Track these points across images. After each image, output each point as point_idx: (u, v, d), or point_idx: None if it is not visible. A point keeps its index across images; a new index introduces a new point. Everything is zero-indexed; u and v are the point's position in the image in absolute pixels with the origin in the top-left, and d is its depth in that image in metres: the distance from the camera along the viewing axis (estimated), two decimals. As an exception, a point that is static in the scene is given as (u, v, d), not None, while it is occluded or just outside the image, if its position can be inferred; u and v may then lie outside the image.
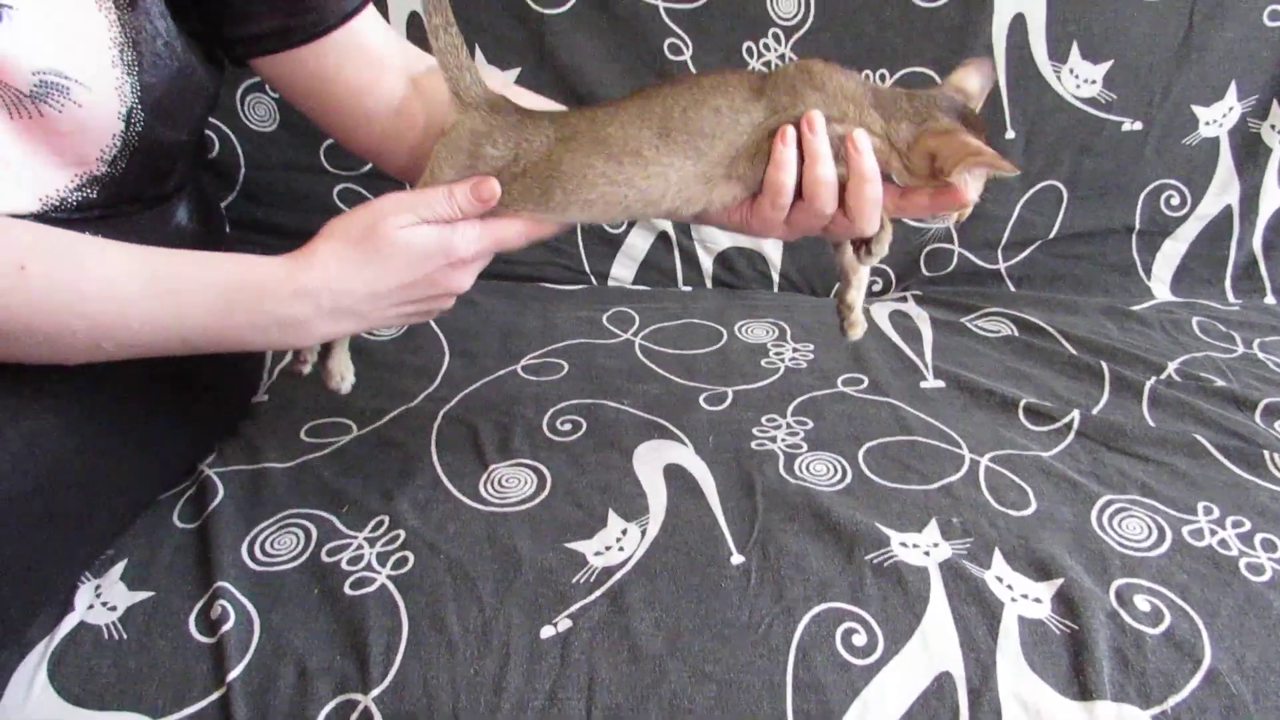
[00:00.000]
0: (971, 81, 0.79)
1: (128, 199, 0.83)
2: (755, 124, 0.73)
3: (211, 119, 1.23)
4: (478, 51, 1.29)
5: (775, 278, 1.44)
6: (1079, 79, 1.31)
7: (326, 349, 0.85)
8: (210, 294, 0.71)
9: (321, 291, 0.72)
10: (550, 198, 0.74)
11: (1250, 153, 1.37)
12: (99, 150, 0.78)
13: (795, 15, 1.29)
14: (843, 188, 0.74)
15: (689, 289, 1.43)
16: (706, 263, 1.44)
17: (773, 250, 1.43)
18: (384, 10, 1.26)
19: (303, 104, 0.90)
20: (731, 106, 0.74)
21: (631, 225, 1.40)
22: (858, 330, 0.88)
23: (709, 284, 1.44)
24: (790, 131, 0.72)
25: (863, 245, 0.79)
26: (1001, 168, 0.71)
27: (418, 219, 0.73)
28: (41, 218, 0.76)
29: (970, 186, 0.74)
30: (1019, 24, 1.28)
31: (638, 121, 0.74)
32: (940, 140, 0.72)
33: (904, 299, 1.39)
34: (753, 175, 0.74)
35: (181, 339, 0.72)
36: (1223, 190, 1.39)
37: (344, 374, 0.87)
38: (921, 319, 1.30)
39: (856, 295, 0.86)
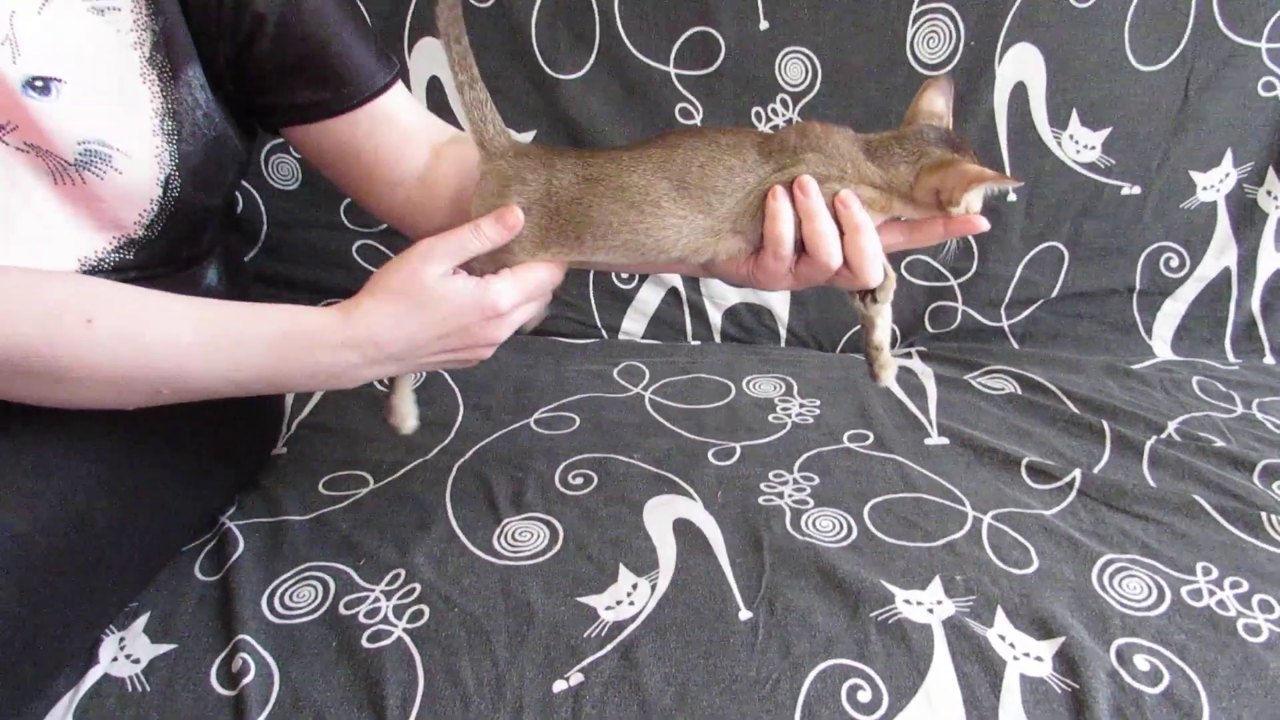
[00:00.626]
0: (938, 103, 0.82)
1: (161, 261, 0.86)
2: (759, 181, 0.77)
3: (236, 177, 1.27)
4: (495, 114, 1.33)
5: (783, 333, 1.47)
6: (1079, 145, 1.35)
7: (392, 389, 0.90)
8: (263, 345, 0.76)
9: (366, 343, 0.77)
10: (581, 241, 0.79)
11: (1247, 217, 1.40)
12: (137, 214, 0.81)
13: (802, 81, 1.33)
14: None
15: (698, 343, 1.46)
16: (715, 317, 1.46)
17: (780, 306, 1.46)
18: (405, 74, 1.31)
19: (330, 171, 0.93)
20: (742, 166, 0.78)
21: (643, 280, 1.43)
22: (888, 373, 0.88)
23: (718, 339, 1.47)
24: (780, 189, 0.76)
25: (868, 294, 0.83)
26: (1003, 182, 0.75)
27: (452, 265, 0.77)
28: None
29: (974, 206, 0.78)
30: (1020, 92, 1.32)
31: (659, 172, 0.78)
32: (940, 174, 0.75)
33: (909, 355, 1.41)
34: (753, 230, 0.78)
35: (236, 384, 0.76)
36: (1221, 253, 1.42)
37: (407, 415, 0.91)
38: (926, 375, 1.32)
39: (882, 336, 0.87)
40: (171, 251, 0.87)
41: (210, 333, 0.75)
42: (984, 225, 0.78)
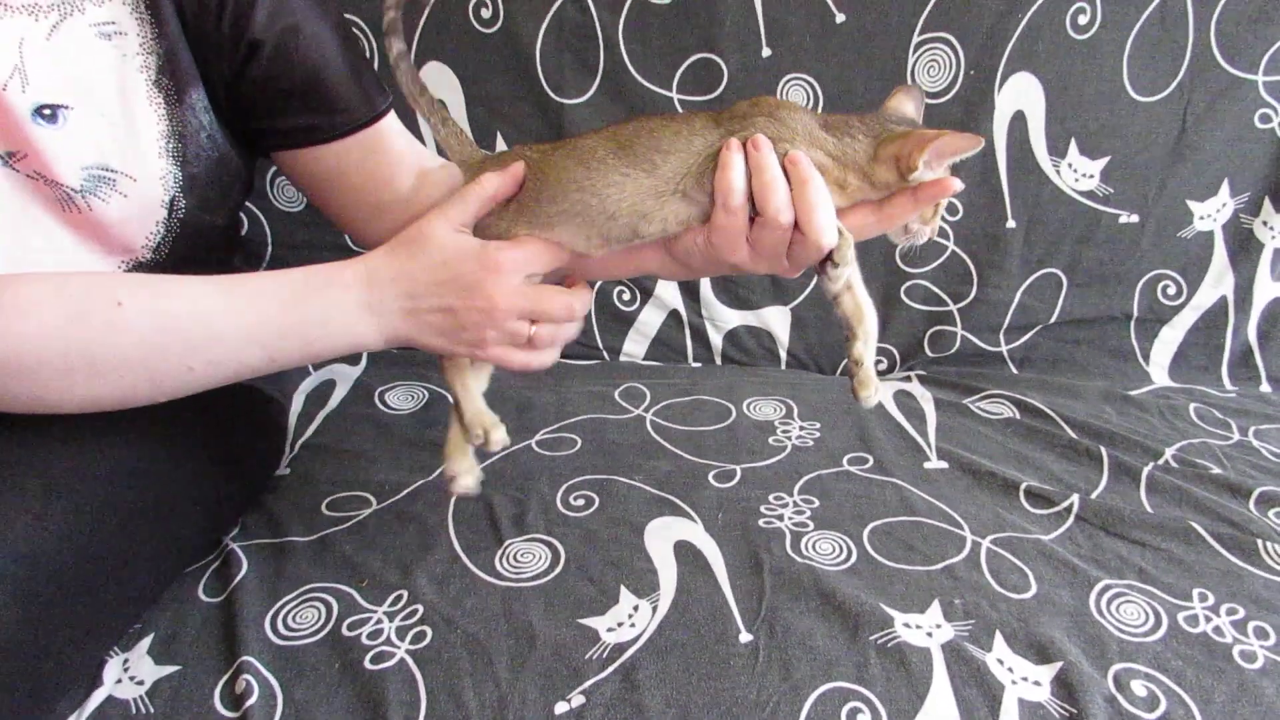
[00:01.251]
0: (908, 107, 0.82)
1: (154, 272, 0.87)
2: (707, 145, 0.77)
3: (243, 199, 1.29)
4: (499, 138, 1.34)
5: (783, 355, 1.48)
6: (1077, 173, 1.36)
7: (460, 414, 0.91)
8: (285, 294, 0.78)
9: (370, 279, 0.78)
10: (539, 204, 0.80)
11: (1243, 246, 1.41)
12: (144, 238, 0.83)
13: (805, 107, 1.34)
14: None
15: (699, 365, 1.47)
16: (716, 340, 1.47)
17: (780, 328, 1.47)
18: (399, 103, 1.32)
19: (318, 196, 0.95)
20: (690, 130, 0.78)
21: (644, 302, 1.45)
22: (869, 391, 0.84)
23: (718, 360, 1.48)
24: (734, 141, 0.75)
25: (828, 261, 0.79)
26: (963, 146, 0.73)
27: (459, 221, 0.79)
28: None
29: (940, 174, 0.76)
30: (1019, 120, 1.34)
31: (609, 136, 0.80)
32: (899, 141, 0.75)
33: (908, 379, 1.42)
34: (701, 195, 0.77)
35: (262, 345, 0.77)
36: (1218, 282, 1.43)
37: (465, 471, 0.92)
38: (925, 399, 1.33)
39: (864, 350, 0.84)
40: (179, 272, 0.88)
41: (234, 293, 0.77)
42: (957, 186, 0.75)
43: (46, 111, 0.74)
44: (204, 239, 0.90)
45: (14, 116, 0.73)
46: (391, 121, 0.93)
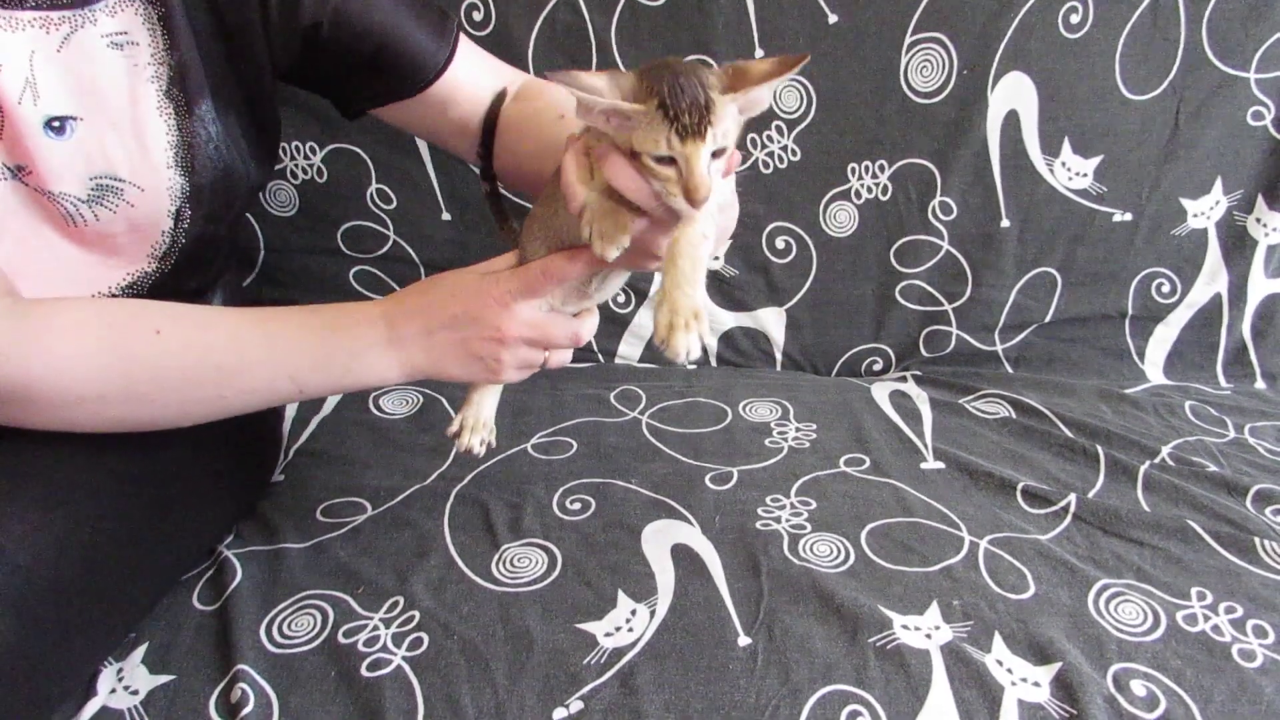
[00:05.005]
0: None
1: (170, 292, 0.87)
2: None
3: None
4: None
5: (778, 356, 1.48)
6: (1071, 172, 1.36)
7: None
8: (314, 327, 0.80)
9: (391, 317, 0.81)
10: (548, 233, 0.80)
11: (1237, 244, 1.41)
12: (149, 247, 0.83)
13: (798, 109, 1.34)
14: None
15: (694, 367, 1.47)
16: (711, 341, 1.47)
17: (775, 329, 1.47)
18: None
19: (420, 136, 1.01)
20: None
21: (639, 304, 1.44)
22: (680, 338, 0.67)
23: (713, 362, 1.48)
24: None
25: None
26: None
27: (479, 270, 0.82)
28: None
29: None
30: (1012, 119, 1.34)
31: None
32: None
33: (904, 379, 1.42)
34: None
35: (292, 377, 0.80)
36: (1212, 279, 1.43)
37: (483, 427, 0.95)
38: (921, 399, 1.33)
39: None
40: (181, 281, 0.88)
41: (268, 326, 0.79)
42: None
43: (56, 124, 0.75)
44: (207, 248, 0.90)
45: (25, 131, 0.73)
46: (460, 65, 0.94)
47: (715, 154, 0.64)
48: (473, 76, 0.95)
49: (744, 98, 0.64)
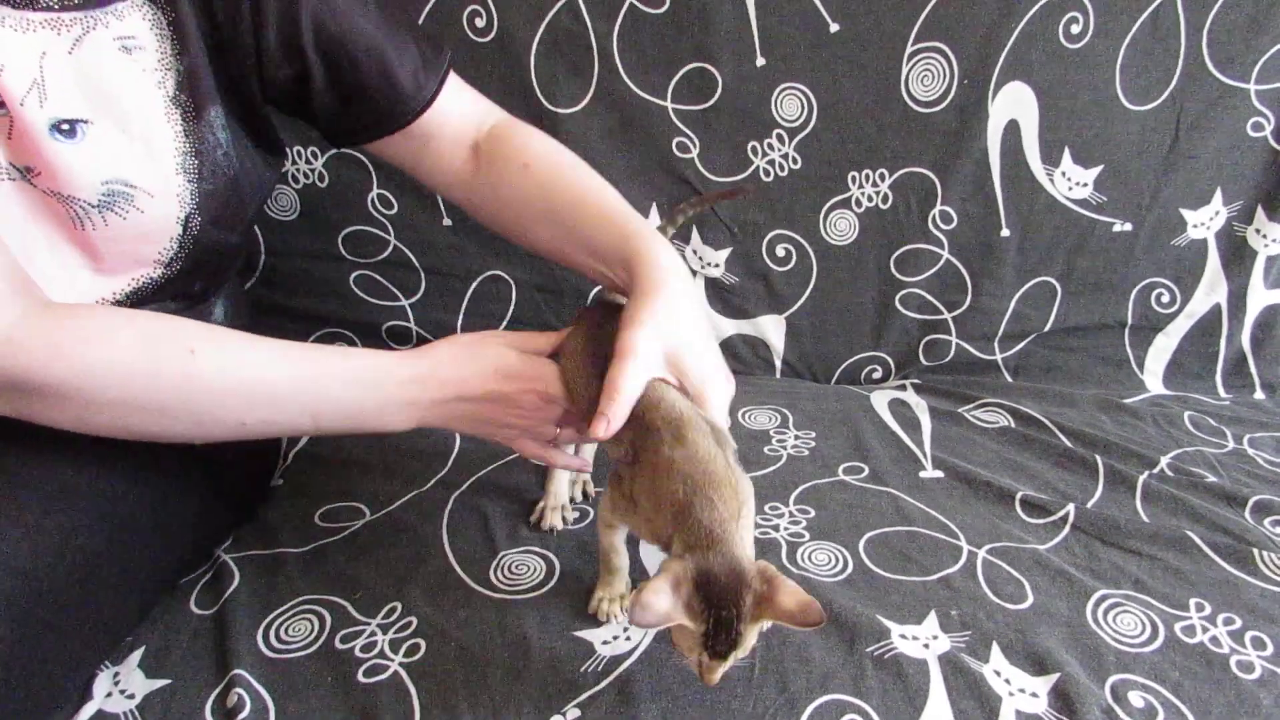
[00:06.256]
0: None
1: (174, 295, 0.87)
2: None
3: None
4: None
5: (778, 364, 1.48)
6: (1071, 182, 1.37)
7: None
8: (346, 377, 0.81)
9: (427, 379, 0.82)
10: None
11: (1236, 255, 1.41)
12: (156, 253, 0.83)
13: (798, 117, 1.34)
14: None
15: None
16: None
17: (775, 337, 1.47)
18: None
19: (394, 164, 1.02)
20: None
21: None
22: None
23: (713, 370, 1.48)
24: None
25: None
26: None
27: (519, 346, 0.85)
28: None
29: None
30: (1013, 129, 1.34)
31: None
32: None
33: (903, 387, 1.42)
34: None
35: (315, 419, 0.80)
36: (1211, 289, 1.43)
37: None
38: (920, 408, 1.33)
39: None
40: (186, 287, 0.88)
41: (300, 366, 0.79)
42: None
43: (65, 126, 0.74)
44: (215, 255, 0.90)
45: (32, 132, 0.73)
46: (447, 94, 0.95)
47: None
48: (456, 110, 0.97)
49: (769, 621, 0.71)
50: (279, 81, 0.86)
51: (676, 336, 0.81)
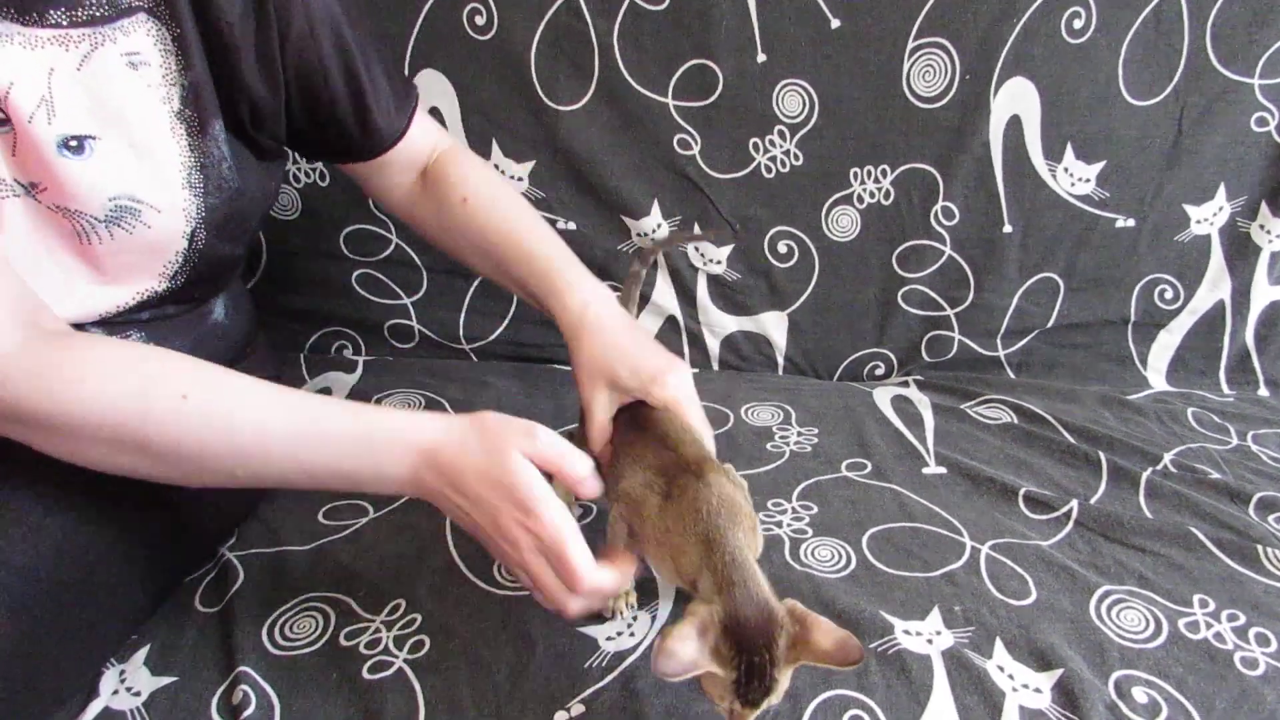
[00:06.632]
0: None
1: (174, 301, 0.87)
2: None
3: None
4: (494, 145, 1.34)
5: (780, 361, 1.48)
6: (1073, 177, 1.36)
7: None
8: (346, 441, 0.75)
9: (426, 460, 0.74)
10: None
11: (1240, 251, 1.41)
12: (161, 266, 0.83)
13: (800, 113, 1.34)
14: None
15: (696, 371, 1.46)
16: (713, 345, 1.47)
17: (777, 334, 1.47)
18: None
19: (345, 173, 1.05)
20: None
21: (641, 308, 1.44)
22: None
23: (715, 366, 1.48)
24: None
25: None
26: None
27: (543, 447, 0.74)
28: (98, 324, 0.82)
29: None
30: (1015, 125, 1.34)
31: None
32: None
33: (906, 384, 1.42)
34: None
35: (310, 475, 0.76)
36: (1215, 286, 1.43)
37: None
38: (923, 404, 1.33)
39: None
40: (186, 296, 0.88)
41: (299, 419, 0.74)
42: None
43: (73, 143, 0.74)
44: (217, 266, 0.90)
45: (39, 148, 0.73)
46: (415, 129, 1.00)
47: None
48: (416, 141, 1.02)
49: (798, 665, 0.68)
50: (257, 103, 0.86)
51: (610, 370, 0.89)
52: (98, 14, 0.74)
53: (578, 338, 0.92)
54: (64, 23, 0.73)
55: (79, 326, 0.80)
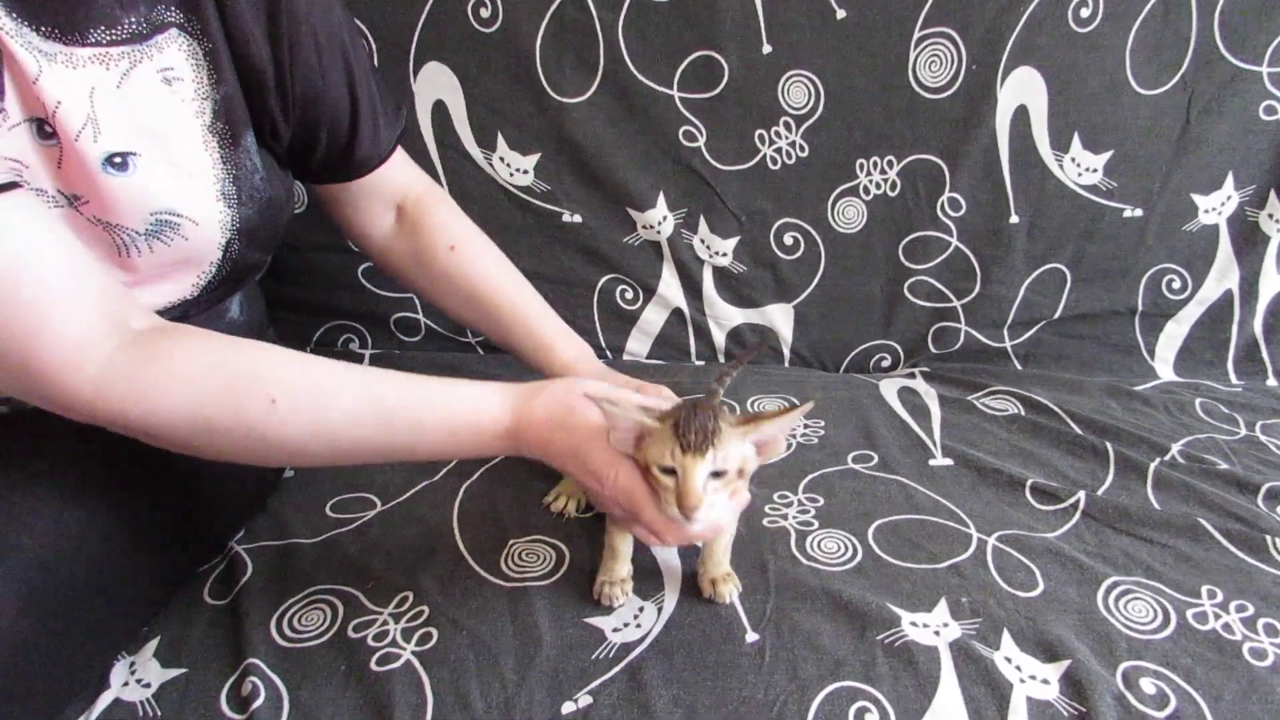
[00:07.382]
0: None
1: (195, 301, 0.88)
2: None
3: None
4: (499, 138, 1.34)
5: (786, 353, 1.48)
6: (1080, 167, 1.36)
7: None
8: (441, 431, 0.78)
9: (519, 439, 0.79)
10: None
11: (1249, 240, 1.41)
12: (195, 277, 0.84)
13: (806, 104, 1.34)
14: None
15: (702, 363, 1.47)
16: (719, 338, 1.47)
17: (783, 326, 1.46)
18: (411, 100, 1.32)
19: (321, 203, 1.06)
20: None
21: (647, 301, 1.44)
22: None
23: (721, 359, 1.48)
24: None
25: None
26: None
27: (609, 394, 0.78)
28: None
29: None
30: (1021, 115, 1.33)
31: None
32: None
33: (912, 375, 1.42)
34: None
35: (409, 456, 0.80)
36: (1223, 275, 1.42)
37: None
38: (930, 396, 1.33)
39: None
40: (211, 297, 0.89)
41: (389, 416, 0.77)
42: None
43: (117, 159, 0.75)
44: (246, 273, 0.92)
45: (86, 166, 0.73)
46: (393, 166, 1.03)
47: (717, 474, 0.73)
48: (397, 173, 1.04)
49: (755, 433, 0.75)
50: (274, 116, 0.88)
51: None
52: (135, 31, 0.75)
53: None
54: (104, 41, 0.73)
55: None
